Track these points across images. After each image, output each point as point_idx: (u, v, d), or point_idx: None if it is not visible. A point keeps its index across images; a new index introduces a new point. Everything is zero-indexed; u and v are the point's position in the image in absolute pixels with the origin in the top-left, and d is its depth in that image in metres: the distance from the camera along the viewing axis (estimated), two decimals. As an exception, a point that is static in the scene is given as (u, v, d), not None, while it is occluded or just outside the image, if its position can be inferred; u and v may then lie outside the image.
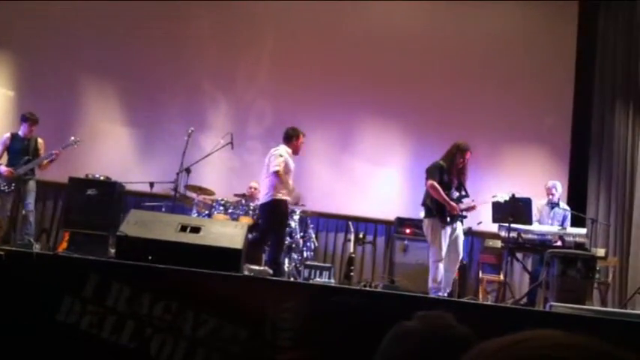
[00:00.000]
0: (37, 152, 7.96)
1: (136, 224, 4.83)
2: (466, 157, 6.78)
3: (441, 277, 6.55)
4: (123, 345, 3.86)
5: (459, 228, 6.76)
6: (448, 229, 6.64)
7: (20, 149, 7.87)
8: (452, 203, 6.61)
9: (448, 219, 6.62)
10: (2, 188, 7.67)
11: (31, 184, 7.85)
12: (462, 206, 6.74)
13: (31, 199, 7.82)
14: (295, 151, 7.22)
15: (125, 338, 3.86)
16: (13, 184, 7.71)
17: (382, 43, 9.74)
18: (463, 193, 6.85)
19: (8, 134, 7.99)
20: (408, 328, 1.36)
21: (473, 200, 6.89)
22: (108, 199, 7.96)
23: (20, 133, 7.97)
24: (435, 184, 6.66)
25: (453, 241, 6.69)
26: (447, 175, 6.74)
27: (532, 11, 9.84)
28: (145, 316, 3.88)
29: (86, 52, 9.48)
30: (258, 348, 3.84)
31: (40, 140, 8.05)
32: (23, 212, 7.79)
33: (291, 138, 7.20)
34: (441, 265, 6.57)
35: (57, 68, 9.43)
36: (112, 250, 6.10)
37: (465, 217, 6.85)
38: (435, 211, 6.68)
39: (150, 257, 4.40)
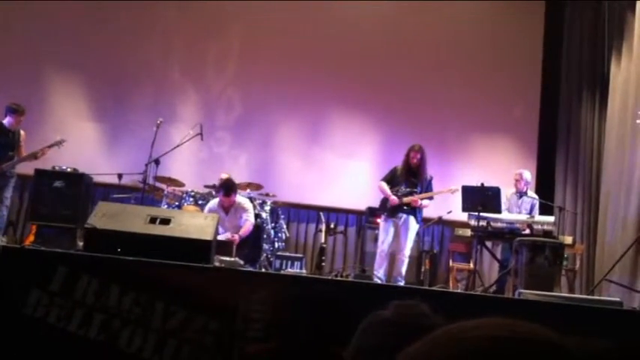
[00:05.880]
0: (19, 145, 7.74)
1: (104, 216, 4.77)
2: (412, 156, 7.38)
3: (376, 265, 7.31)
4: (91, 338, 3.82)
5: (409, 221, 7.32)
6: (391, 222, 7.34)
7: (4, 142, 7.64)
8: (391, 197, 7.28)
9: (387, 212, 7.36)
10: None
11: (12, 180, 7.69)
12: (406, 199, 7.29)
13: (8, 194, 7.67)
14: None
15: (94, 331, 3.82)
16: None
17: (350, 36, 9.72)
18: (416, 189, 7.37)
19: None
20: (382, 318, 1.35)
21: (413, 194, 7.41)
22: (75, 191, 7.83)
23: (6, 123, 7.71)
24: (380, 183, 7.54)
25: (399, 233, 7.35)
26: (399, 174, 7.44)
27: (499, 4, 9.91)
28: (114, 308, 3.84)
29: (51, 45, 9.30)
30: (229, 339, 3.83)
31: (22, 132, 7.80)
32: None
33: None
34: (378, 254, 7.38)
35: (21, 62, 9.24)
36: (80, 243, 6.01)
37: (409, 210, 7.30)
38: (380, 206, 7.60)
39: (119, 249, 4.36)
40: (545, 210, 8.02)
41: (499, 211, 7.29)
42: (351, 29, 9.74)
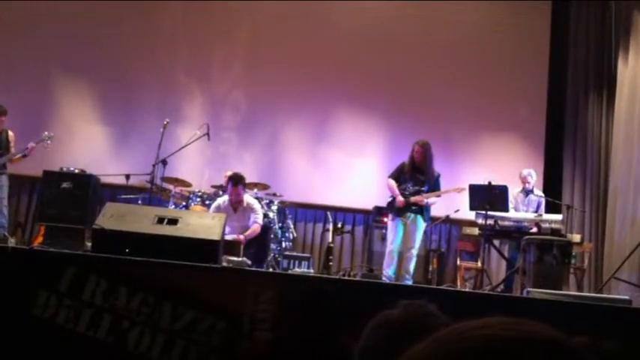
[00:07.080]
0: (8, 145, 7.78)
1: (112, 217, 4.78)
2: (415, 150, 7.25)
3: (385, 265, 7.21)
4: (100, 339, 3.83)
5: (417, 220, 7.21)
6: (399, 221, 7.19)
7: None
8: (398, 198, 7.15)
9: (394, 211, 7.23)
10: None
11: (4, 179, 7.70)
12: (412, 199, 7.17)
13: (4, 194, 7.70)
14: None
15: (102, 332, 3.83)
16: None
17: (357, 35, 9.70)
18: (423, 187, 7.24)
19: None
20: (390, 317, 1.35)
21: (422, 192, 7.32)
22: (83, 192, 7.85)
23: None
24: (389, 180, 7.37)
25: (408, 231, 7.23)
26: (406, 169, 7.29)
27: (506, 3, 9.88)
28: (122, 309, 3.86)
29: (58, 47, 9.33)
30: (236, 339, 3.83)
31: (10, 133, 7.83)
32: None
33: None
34: (387, 254, 7.24)
35: (28, 63, 9.27)
36: (89, 244, 6.03)
37: (417, 209, 7.20)
38: (387, 205, 7.46)
39: (127, 250, 4.37)
40: (553, 208, 8.00)
41: (506, 210, 7.27)
42: (357, 28, 9.73)
